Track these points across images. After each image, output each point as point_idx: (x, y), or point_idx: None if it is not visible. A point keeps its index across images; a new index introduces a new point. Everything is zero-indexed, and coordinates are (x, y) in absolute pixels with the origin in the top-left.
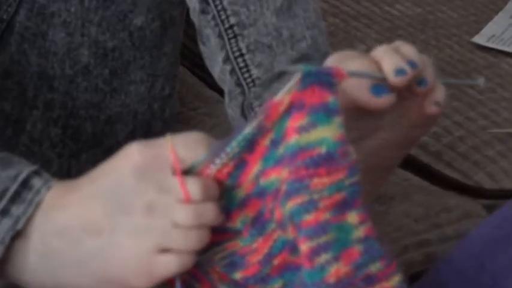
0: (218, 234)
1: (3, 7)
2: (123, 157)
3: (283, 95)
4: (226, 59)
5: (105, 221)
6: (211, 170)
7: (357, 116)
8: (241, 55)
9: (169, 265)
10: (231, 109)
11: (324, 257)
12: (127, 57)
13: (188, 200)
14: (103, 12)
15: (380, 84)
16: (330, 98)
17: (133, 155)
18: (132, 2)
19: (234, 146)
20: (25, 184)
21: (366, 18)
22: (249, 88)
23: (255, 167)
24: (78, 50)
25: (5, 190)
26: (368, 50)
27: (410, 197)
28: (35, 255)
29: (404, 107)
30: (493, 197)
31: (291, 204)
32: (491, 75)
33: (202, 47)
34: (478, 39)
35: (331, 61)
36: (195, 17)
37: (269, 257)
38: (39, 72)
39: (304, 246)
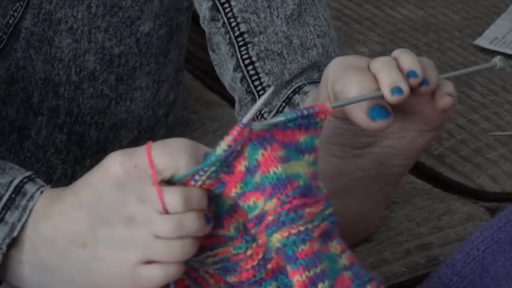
0: (209, 238)
1: (9, 12)
2: (103, 169)
3: (249, 120)
4: (237, 67)
5: (88, 234)
6: (194, 184)
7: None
8: (252, 63)
9: (154, 277)
10: (241, 116)
11: (321, 286)
12: (133, 64)
13: (166, 211)
14: (110, 18)
15: (378, 105)
16: (301, 138)
17: (112, 166)
18: (139, 9)
19: (209, 164)
20: (18, 190)
21: (369, 21)
22: (259, 96)
23: (233, 190)
24: (84, 56)
25: None
26: (370, 53)
27: (412, 200)
28: (29, 265)
29: (415, 111)
30: (495, 199)
31: (284, 235)
32: (494, 78)
33: (212, 55)
34: (481, 41)
35: (332, 69)
36: (205, 24)
37: (263, 261)
38: (44, 79)
39: (300, 277)
